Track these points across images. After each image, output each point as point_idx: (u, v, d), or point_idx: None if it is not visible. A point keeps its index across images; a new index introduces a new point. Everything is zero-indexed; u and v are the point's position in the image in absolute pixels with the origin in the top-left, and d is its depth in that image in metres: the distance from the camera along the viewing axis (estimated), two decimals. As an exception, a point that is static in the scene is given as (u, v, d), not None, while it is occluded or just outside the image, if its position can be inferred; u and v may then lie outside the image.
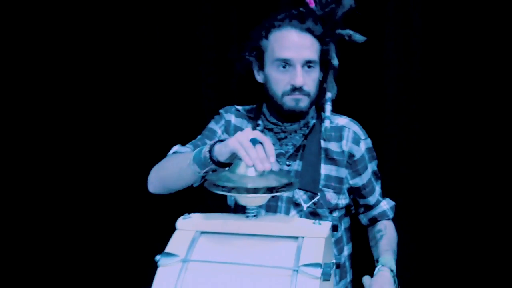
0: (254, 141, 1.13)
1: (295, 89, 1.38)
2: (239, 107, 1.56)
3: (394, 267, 1.36)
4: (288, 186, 1.15)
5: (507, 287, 1.96)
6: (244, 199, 1.16)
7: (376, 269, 1.35)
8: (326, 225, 1.16)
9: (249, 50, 1.45)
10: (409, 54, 1.96)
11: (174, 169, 1.34)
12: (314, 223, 1.15)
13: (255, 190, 1.10)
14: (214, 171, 1.24)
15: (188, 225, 1.18)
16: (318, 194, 1.40)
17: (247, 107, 1.57)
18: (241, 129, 1.52)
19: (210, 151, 1.21)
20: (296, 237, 1.13)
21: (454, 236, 2.02)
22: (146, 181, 1.42)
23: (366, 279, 1.31)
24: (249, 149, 1.11)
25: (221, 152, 1.18)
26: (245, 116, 1.54)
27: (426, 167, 2.02)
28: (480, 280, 2.00)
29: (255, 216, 1.17)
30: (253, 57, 1.45)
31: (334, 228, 1.22)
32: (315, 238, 1.12)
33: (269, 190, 1.12)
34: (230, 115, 1.54)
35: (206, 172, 1.24)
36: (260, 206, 1.18)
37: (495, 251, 1.98)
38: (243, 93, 1.93)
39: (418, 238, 2.04)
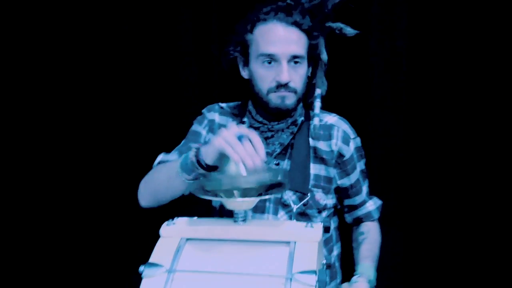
0: (240, 137, 1.08)
1: (280, 86, 1.31)
2: (223, 105, 1.49)
3: (372, 276, 1.34)
4: (277, 188, 1.10)
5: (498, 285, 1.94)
6: (232, 204, 1.10)
7: (353, 278, 1.32)
8: (319, 227, 1.10)
9: (233, 45, 1.38)
10: (395, 48, 1.91)
11: (162, 180, 1.28)
12: (306, 226, 1.10)
13: (243, 194, 1.04)
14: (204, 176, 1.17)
15: (173, 231, 1.12)
16: (308, 194, 1.34)
17: (232, 104, 1.50)
18: (226, 127, 1.45)
19: (197, 155, 1.14)
20: (288, 242, 1.07)
21: (443, 234, 1.99)
22: (128, 187, 1.36)
23: (344, 286, 1.30)
24: (236, 145, 1.05)
25: (208, 154, 1.12)
26: (229, 113, 1.47)
27: (413, 164, 1.99)
28: (470, 279, 1.97)
29: (243, 220, 1.11)
30: (238, 52, 1.38)
31: (326, 230, 1.16)
32: (308, 242, 1.07)
33: (259, 194, 1.07)
34: (214, 114, 1.47)
35: (196, 178, 1.17)
36: None
37: (485, 249, 1.96)
38: (227, 90, 1.85)
39: (405, 237, 2.01)
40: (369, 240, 1.45)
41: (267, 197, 1.10)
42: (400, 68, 1.93)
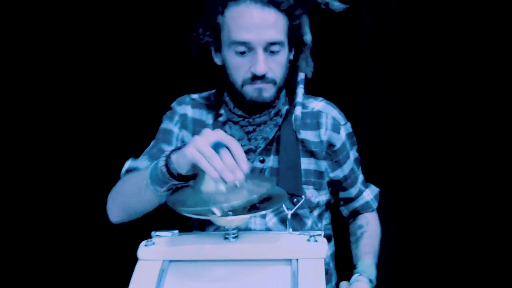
0: (217, 146, 0.90)
1: (256, 77, 1.14)
2: (194, 96, 1.31)
3: (373, 275, 1.22)
4: (274, 199, 0.95)
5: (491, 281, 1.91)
6: (221, 221, 0.94)
7: (353, 277, 1.21)
8: (323, 242, 0.97)
9: (203, 28, 1.20)
10: (386, 27, 1.78)
11: (132, 193, 1.09)
12: (308, 239, 0.96)
13: (234, 212, 0.89)
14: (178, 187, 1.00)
15: (153, 253, 0.96)
16: (303, 196, 1.20)
17: (204, 94, 1.32)
18: (201, 122, 1.28)
19: (167, 164, 0.97)
20: (289, 260, 0.94)
21: (437, 229, 1.92)
22: (99, 199, 1.17)
23: (343, 284, 1.17)
24: (212, 157, 0.89)
25: (180, 164, 0.95)
26: (203, 105, 1.30)
27: (406, 159, 1.90)
28: (464, 275, 1.93)
29: (235, 237, 0.96)
30: (208, 36, 1.19)
31: (328, 239, 1.04)
32: (313, 259, 0.94)
33: (252, 207, 0.92)
34: (185, 107, 1.29)
35: (170, 189, 1.00)
36: None
37: (481, 245, 1.91)
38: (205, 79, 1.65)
39: (401, 227, 1.93)
40: (369, 233, 1.33)
41: (263, 212, 0.95)
42: (392, 44, 1.82)
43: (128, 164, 1.22)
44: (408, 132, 1.89)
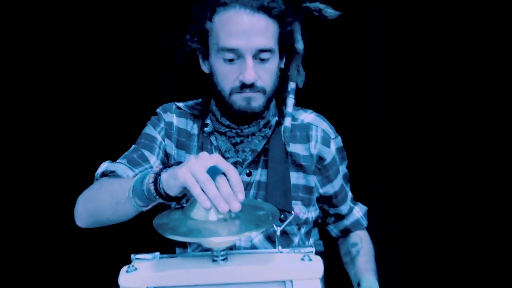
0: (213, 171, 0.83)
1: (245, 86, 1.08)
2: (180, 104, 1.24)
3: None
4: (266, 220, 0.89)
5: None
6: (208, 243, 0.87)
7: None
8: (318, 260, 0.90)
9: (190, 34, 1.12)
10: (394, 31, 1.74)
11: (107, 201, 1.00)
12: (302, 259, 0.90)
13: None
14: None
15: (135, 280, 0.87)
16: (292, 213, 1.13)
17: (190, 102, 1.25)
18: (186, 131, 1.20)
19: (155, 181, 0.89)
20: (283, 281, 0.87)
21: (445, 234, 1.88)
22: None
23: None
24: (206, 184, 0.82)
25: (170, 185, 0.87)
26: (189, 114, 1.22)
27: (413, 164, 1.85)
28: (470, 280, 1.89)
29: (224, 259, 0.89)
30: (196, 43, 1.12)
31: (321, 255, 0.98)
32: (308, 280, 0.87)
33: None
34: (171, 115, 1.21)
35: (152, 206, 0.93)
36: None
37: (491, 251, 1.87)
38: (182, 87, 1.58)
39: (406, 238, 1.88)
40: (365, 250, 1.26)
41: (253, 233, 0.88)
42: (401, 62, 1.77)
43: (105, 166, 1.13)
44: (416, 135, 1.85)
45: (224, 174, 0.84)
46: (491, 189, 1.84)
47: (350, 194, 1.30)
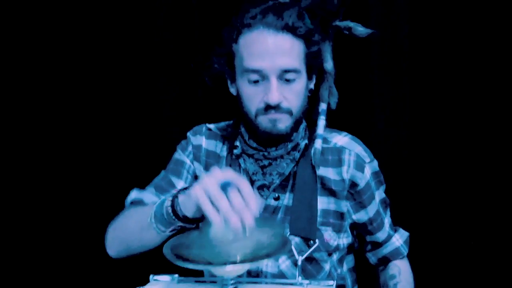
0: (225, 186, 0.82)
1: (270, 107, 1.05)
2: (210, 126, 1.24)
3: None
4: (278, 247, 0.86)
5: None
6: (219, 271, 0.86)
7: None
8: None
9: (217, 57, 1.13)
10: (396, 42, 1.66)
11: (134, 229, 1.03)
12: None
13: (233, 262, 0.80)
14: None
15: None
16: (317, 241, 1.09)
17: (222, 124, 1.25)
18: (215, 154, 1.20)
19: (173, 205, 0.90)
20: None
21: (450, 235, 1.75)
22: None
23: None
24: (218, 198, 0.80)
25: (186, 206, 0.88)
26: (219, 136, 1.22)
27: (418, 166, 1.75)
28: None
29: (234, 288, 0.87)
30: (222, 65, 1.12)
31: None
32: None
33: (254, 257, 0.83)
34: (200, 138, 1.22)
35: (174, 230, 0.93)
36: None
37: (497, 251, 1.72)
38: (213, 108, 1.58)
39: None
40: (403, 284, 1.19)
41: (264, 261, 0.86)
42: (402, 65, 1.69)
43: (134, 195, 1.17)
44: (420, 145, 1.75)
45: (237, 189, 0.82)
46: (491, 189, 1.71)
47: (388, 220, 1.22)
